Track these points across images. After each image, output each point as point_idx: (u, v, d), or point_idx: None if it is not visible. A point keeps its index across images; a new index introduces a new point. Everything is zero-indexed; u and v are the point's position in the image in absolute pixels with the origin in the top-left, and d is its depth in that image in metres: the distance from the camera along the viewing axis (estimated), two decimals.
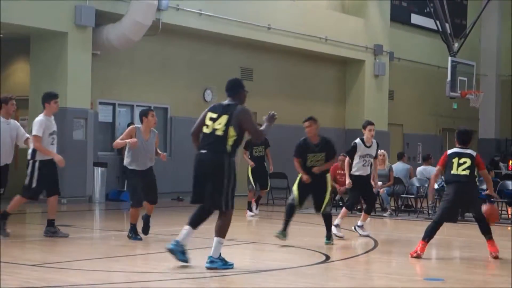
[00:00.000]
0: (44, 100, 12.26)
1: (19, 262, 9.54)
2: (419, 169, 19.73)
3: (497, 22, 35.74)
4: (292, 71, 26.65)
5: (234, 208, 9.43)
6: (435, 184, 17.62)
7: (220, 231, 9.39)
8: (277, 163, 22.99)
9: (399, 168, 19.20)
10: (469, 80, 27.37)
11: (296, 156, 12.13)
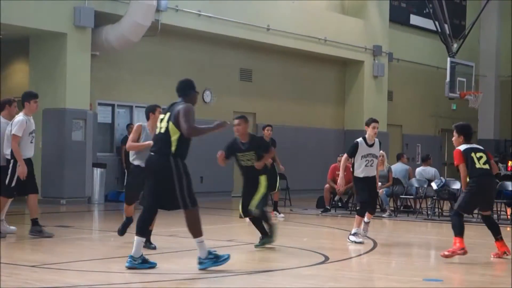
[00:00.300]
0: (24, 99, 12.23)
1: (18, 263, 9.54)
2: (418, 169, 19.73)
3: (496, 23, 35.75)
4: (292, 72, 26.65)
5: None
6: (434, 185, 17.75)
7: (194, 231, 9.23)
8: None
9: (398, 168, 19.21)
10: (468, 81, 27.37)
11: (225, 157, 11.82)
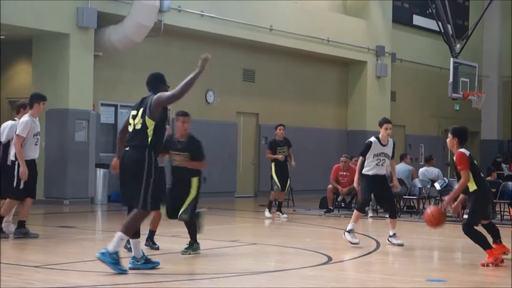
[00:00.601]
0: (33, 100, 12.21)
1: (21, 263, 9.55)
2: (421, 170, 19.72)
3: (499, 23, 35.72)
4: (294, 72, 26.65)
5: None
6: (437, 185, 17.73)
7: (126, 227, 8.93)
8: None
9: (401, 169, 19.18)
10: (471, 81, 27.35)
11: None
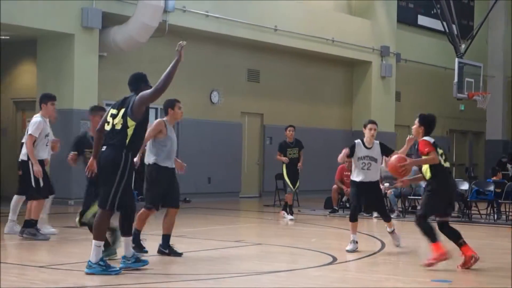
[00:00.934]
0: (42, 101, 12.27)
1: (26, 263, 9.56)
2: None
3: (504, 23, 35.65)
4: (299, 73, 26.64)
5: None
6: None
7: (97, 232, 8.85)
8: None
9: None
10: (476, 81, 27.31)
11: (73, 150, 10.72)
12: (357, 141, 12.14)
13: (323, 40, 25.94)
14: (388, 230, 12.16)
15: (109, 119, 9.04)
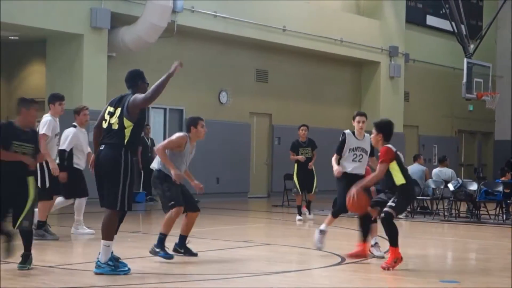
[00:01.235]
0: (49, 101, 12.35)
1: (36, 263, 9.57)
2: (434, 170, 19.69)
3: None
4: (307, 73, 26.64)
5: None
6: (451, 186, 17.70)
7: (106, 233, 8.77)
8: (291, 165, 22.99)
9: (414, 169, 19.13)
10: (485, 81, 27.28)
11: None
12: (347, 131, 11.24)
13: (332, 40, 25.94)
14: (372, 242, 10.76)
15: (106, 117, 9.03)
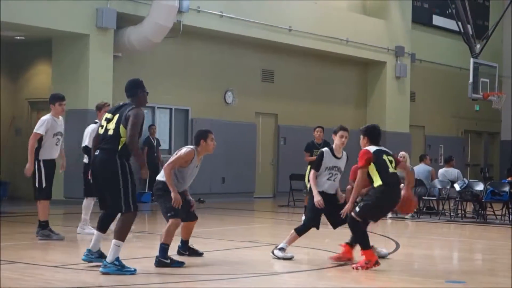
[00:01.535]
0: (50, 102, 12.34)
1: (41, 263, 9.58)
2: (441, 171, 19.67)
3: None
4: (313, 73, 26.62)
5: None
6: (457, 186, 17.67)
7: (119, 233, 8.92)
8: (297, 165, 23.00)
9: (420, 170, 19.12)
10: (491, 81, 27.25)
11: None
12: (325, 149, 10.76)
13: (338, 41, 25.92)
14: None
15: (103, 123, 9.16)
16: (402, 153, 17.78)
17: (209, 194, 22.34)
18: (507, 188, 17.45)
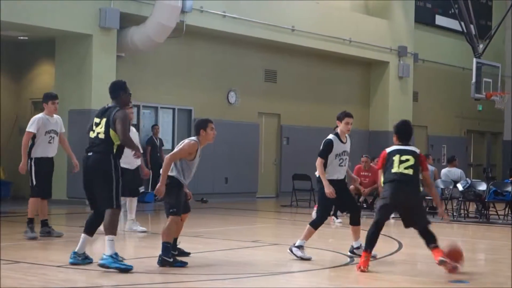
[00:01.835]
0: (43, 101, 12.43)
1: (44, 263, 9.60)
2: (443, 171, 19.65)
3: None
4: (316, 73, 26.62)
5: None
6: (460, 186, 17.66)
7: (111, 228, 9.27)
8: (300, 165, 23.00)
9: None
10: (494, 81, 27.22)
11: None
12: (331, 137, 10.82)
13: (340, 40, 25.92)
14: (354, 245, 10.78)
15: (94, 128, 9.53)
16: None
17: (212, 194, 22.35)
18: (510, 188, 17.45)
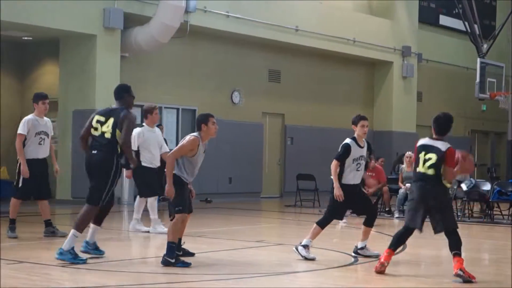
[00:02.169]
0: (33, 101, 12.36)
1: (48, 263, 9.60)
2: None
3: None
4: (320, 73, 26.62)
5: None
6: (464, 186, 17.64)
7: (80, 224, 9.57)
8: (304, 165, 23.00)
9: None
10: (498, 81, 27.20)
11: None
12: (349, 141, 10.77)
13: (344, 41, 25.91)
14: (359, 245, 10.82)
15: (96, 125, 9.73)
16: (409, 153, 17.80)
17: (216, 194, 22.35)
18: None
